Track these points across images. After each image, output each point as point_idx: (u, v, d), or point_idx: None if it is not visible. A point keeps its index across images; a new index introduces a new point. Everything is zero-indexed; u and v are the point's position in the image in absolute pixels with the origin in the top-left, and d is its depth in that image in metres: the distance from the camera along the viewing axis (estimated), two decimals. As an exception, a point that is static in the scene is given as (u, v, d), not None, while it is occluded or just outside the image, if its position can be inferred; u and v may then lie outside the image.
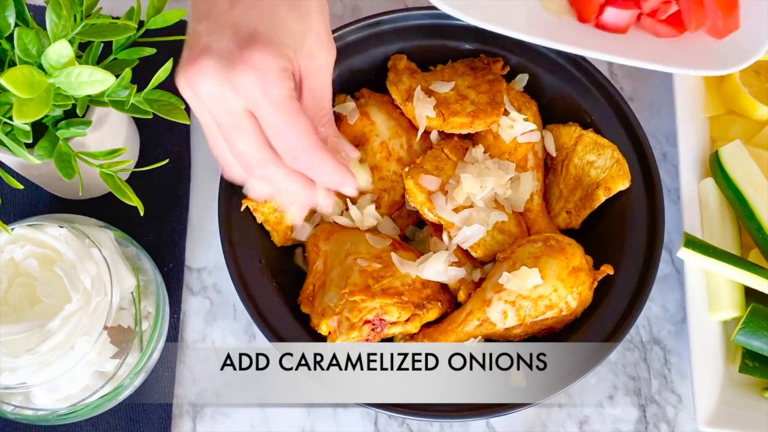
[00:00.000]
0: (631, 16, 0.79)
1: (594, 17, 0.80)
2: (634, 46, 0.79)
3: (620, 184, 0.81)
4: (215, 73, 0.58)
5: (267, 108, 0.60)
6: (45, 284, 0.70)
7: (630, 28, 0.80)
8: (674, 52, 0.79)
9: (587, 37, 0.79)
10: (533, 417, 0.83)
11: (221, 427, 0.82)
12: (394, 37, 0.86)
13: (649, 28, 0.80)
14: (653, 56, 0.78)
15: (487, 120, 0.81)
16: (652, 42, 0.81)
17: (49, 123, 0.71)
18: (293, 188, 0.65)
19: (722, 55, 0.79)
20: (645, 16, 0.79)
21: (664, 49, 0.80)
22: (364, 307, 0.74)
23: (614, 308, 0.77)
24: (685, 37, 0.80)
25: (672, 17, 0.80)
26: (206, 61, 0.58)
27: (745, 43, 0.79)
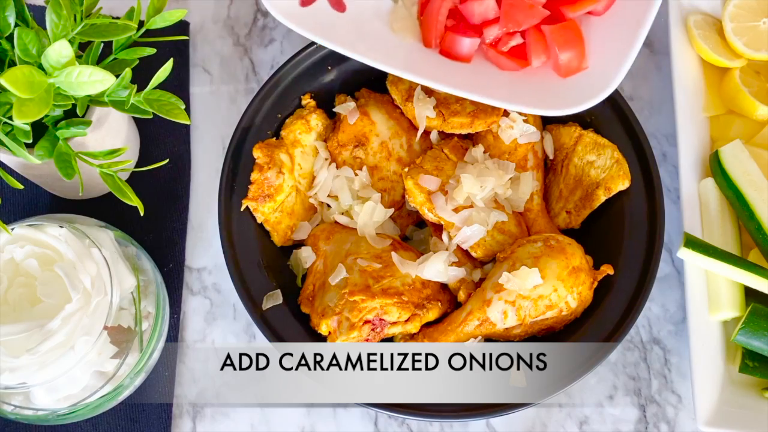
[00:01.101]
0: (474, 45, 0.76)
1: (437, 43, 0.77)
2: (477, 77, 0.76)
3: (620, 184, 0.81)
4: None
5: None
6: (45, 284, 0.70)
7: (475, 58, 0.76)
8: (516, 87, 0.75)
9: (431, 64, 0.75)
10: (533, 417, 0.83)
11: (221, 427, 0.82)
12: (394, 37, 0.86)
13: (493, 59, 0.77)
14: (494, 91, 0.74)
15: (487, 120, 0.81)
16: (495, 74, 0.77)
17: (49, 123, 0.71)
18: None
19: (564, 93, 0.75)
20: (488, 47, 0.76)
21: (506, 83, 0.76)
22: (364, 307, 0.74)
23: (614, 308, 0.77)
24: (530, 72, 0.76)
25: (515, 49, 0.76)
26: None
27: (590, 82, 0.74)
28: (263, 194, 0.79)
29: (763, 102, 0.87)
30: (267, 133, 0.83)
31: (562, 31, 0.74)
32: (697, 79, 0.90)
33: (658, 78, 0.95)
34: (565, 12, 0.75)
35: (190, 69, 0.93)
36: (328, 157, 0.84)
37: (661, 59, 0.96)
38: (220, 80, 0.94)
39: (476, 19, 0.74)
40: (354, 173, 0.83)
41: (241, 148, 0.81)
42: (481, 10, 0.75)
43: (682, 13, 0.90)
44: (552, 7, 0.75)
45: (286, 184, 0.80)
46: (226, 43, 0.95)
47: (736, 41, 0.89)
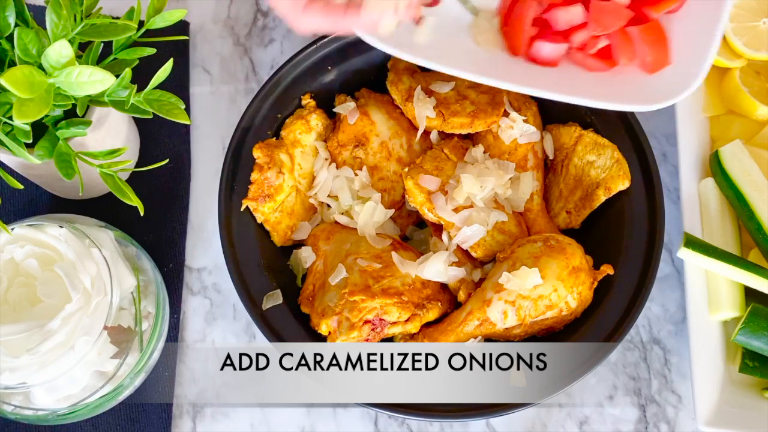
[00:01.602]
0: (561, 50, 0.77)
1: (524, 50, 0.78)
2: (565, 79, 0.77)
3: (620, 184, 0.81)
4: None
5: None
6: (45, 284, 0.70)
7: (561, 61, 0.78)
8: (605, 86, 0.77)
9: (518, 71, 0.77)
10: (533, 417, 0.83)
11: (221, 427, 0.82)
12: (394, 37, 0.86)
13: (579, 62, 0.78)
14: (583, 90, 0.76)
15: (487, 120, 0.81)
16: (582, 75, 0.79)
17: (49, 123, 0.71)
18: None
19: (652, 90, 0.76)
20: (575, 50, 0.78)
21: (594, 83, 0.78)
22: (364, 307, 0.74)
23: (614, 308, 0.77)
24: (617, 71, 0.78)
25: (602, 51, 0.78)
26: None
27: (676, 78, 0.76)
28: (263, 194, 0.79)
29: (763, 102, 0.87)
30: (267, 133, 0.83)
31: (648, 31, 0.76)
32: (697, 79, 0.90)
33: (658, 78, 0.95)
34: (648, 13, 0.77)
35: (190, 69, 0.93)
36: (328, 157, 0.84)
37: (661, 59, 0.96)
38: (220, 80, 0.94)
39: (562, 25, 0.77)
40: (354, 173, 0.83)
41: (241, 148, 0.81)
42: (567, 18, 0.77)
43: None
44: (634, 8, 0.77)
45: (286, 184, 0.80)
46: (226, 43, 0.95)
47: (736, 41, 0.89)
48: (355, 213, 0.81)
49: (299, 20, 0.64)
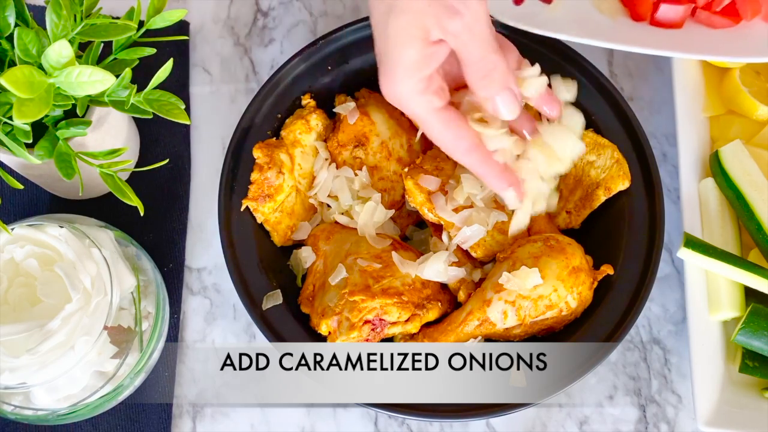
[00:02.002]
0: (686, 11, 0.79)
1: (648, 15, 0.80)
2: (691, 39, 0.79)
3: (620, 184, 0.81)
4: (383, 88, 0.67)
5: (417, 120, 0.69)
6: (45, 284, 0.70)
7: (685, 23, 0.80)
8: (732, 42, 0.79)
9: (644, 35, 0.79)
10: (533, 417, 0.83)
11: (221, 427, 0.82)
12: (394, 37, 0.86)
13: (705, 21, 0.80)
14: (711, 48, 0.78)
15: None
16: (708, 34, 0.81)
17: (49, 123, 0.71)
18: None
19: None
20: (700, 10, 0.79)
21: (721, 40, 0.80)
22: (364, 307, 0.74)
23: (614, 308, 0.77)
24: (742, 26, 0.81)
25: (727, 8, 0.80)
26: (380, 78, 0.67)
27: None
28: (263, 194, 0.79)
29: (763, 102, 0.87)
30: (267, 133, 0.83)
31: None
32: (697, 79, 0.90)
33: (658, 78, 0.95)
34: None
35: (190, 69, 0.93)
36: (328, 157, 0.84)
37: (661, 59, 0.96)
38: (220, 80, 0.94)
39: None
40: (354, 173, 0.82)
41: (241, 148, 0.81)
42: None
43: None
44: None
45: (286, 184, 0.80)
46: (226, 43, 0.95)
47: (736, 41, 0.88)
48: (355, 213, 0.81)
49: (459, 157, 0.69)
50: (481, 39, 0.63)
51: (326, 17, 0.97)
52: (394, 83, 0.64)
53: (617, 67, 0.96)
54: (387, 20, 0.62)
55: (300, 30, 0.96)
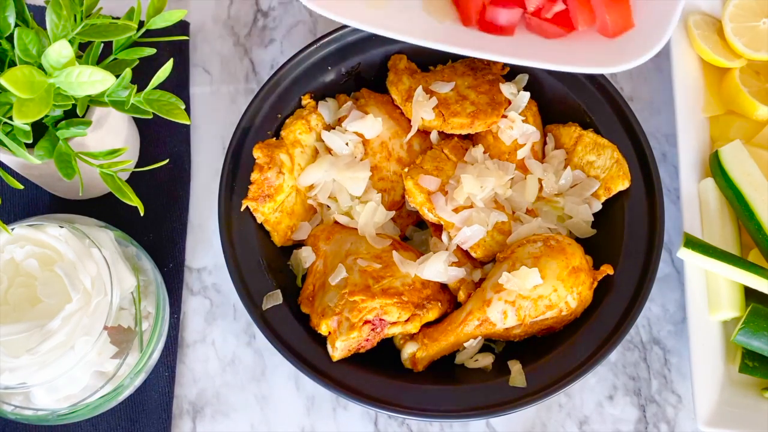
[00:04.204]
0: (515, 15, 0.75)
1: (476, 19, 0.76)
2: (522, 46, 0.76)
3: (620, 184, 0.81)
4: None
5: None
6: (45, 284, 0.70)
7: (517, 31, 0.76)
8: (564, 51, 0.76)
9: (471, 40, 0.76)
10: (533, 417, 0.83)
11: (221, 427, 0.82)
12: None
13: (536, 28, 0.76)
14: (541, 55, 0.75)
15: (487, 120, 0.81)
16: (540, 43, 0.77)
17: (49, 123, 0.71)
18: None
19: (614, 53, 0.75)
20: (531, 16, 0.76)
21: (553, 49, 0.77)
22: (364, 307, 0.74)
23: (614, 308, 0.77)
24: (576, 37, 0.77)
25: (559, 16, 0.76)
26: None
27: (638, 41, 0.75)
28: (263, 194, 0.79)
29: (763, 102, 0.87)
30: (267, 133, 0.83)
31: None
32: (697, 79, 0.90)
33: (658, 78, 0.95)
34: None
35: (190, 69, 0.93)
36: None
37: (661, 60, 0.96)
38: (220, 80, 0.94)
39: None
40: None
41: (241, 148, 0.81)
42: None
43: (682, 14, 0.90)
44: None
45: (286, 184, 0.80)
46: (226, 43, 0.95)
47: (736, 41, 0.89)
48: (355, 213, 0.81)
49: None
50: None
51: (326, 17, 0.97)
52: None
53: (617, 67, 0.96)
54: None
55: (300, 30, 0.96)
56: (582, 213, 0.81)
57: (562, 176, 0.83)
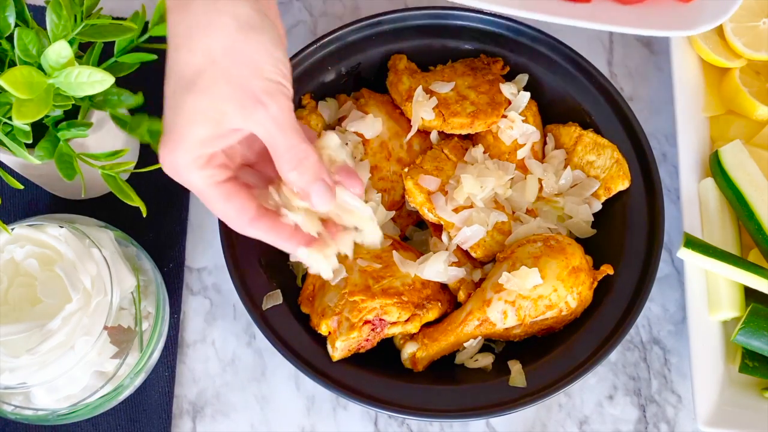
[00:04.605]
0: None
1: None
2: (599, 11, 0.79)
3: (620, 184, 0.81)
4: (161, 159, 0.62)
5: (198, 194, 0.63)
6: (45, 284, 0.70)
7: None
8: (639, 17, 0.79)
9: (550, 6, 0.78)
10: (533, 417, 0.83)
11: (221, 427, 0.82)
12: (394, 37, 0.86)
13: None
14: (617, 20, 0.78)
15: (487, 120, 0.81)
16: (617, 9, 0.80)
17: (49, 123, 0.71)
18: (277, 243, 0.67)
19: (688, 17, 0.79)
20: None
21: (629, 14, 0.80)
22: (364, 307, 0.74)
23: (614, 308, 0.77)
24: (651, 2, 0.80)
25: None
26: (160, 147, 0.62)
27: (712, 5, 0.78)
28: (263, 194, 0.79)
29: (763, 102, 0.87)
30: (267, 133, 0.83)
31: None
32: (697, 79, 0.90)
33: (658, 78, 0.95)
34: None
35: (190, 69, 0.93)
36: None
37: (661, 59, 0.96)
38: (220, 80, 0.94)
39: None
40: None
41: (241, 148, 0.81)
42: None
43: (682, 13, 0.90)
44: None
45: (286, 184, 0.80)
46: (226, 43, 0.95)
47: (736, 41, 0.89)
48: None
49: (244, 230, 0.64)
50: (288, 128, 0.61)
51: (326, 17, 0.97)
52: (174, 155, 0.60)
53: (617, 67, 0.96)
54: (185, 96, 0.59)
55: (300, 30, 0.96)
56: (582, 213, 0.81)
57: (562, 176, 0.83)
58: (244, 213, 0.63)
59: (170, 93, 0.60)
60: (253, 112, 0.60)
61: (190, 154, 0.60)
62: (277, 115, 0.60)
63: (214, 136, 0.60)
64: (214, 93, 0.59)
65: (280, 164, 0.63)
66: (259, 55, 0.60)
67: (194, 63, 0.59)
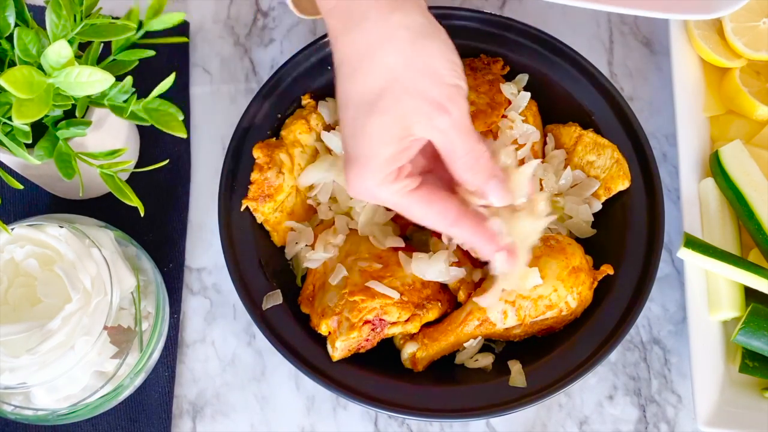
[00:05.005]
0: None
1: None
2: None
3: (620, 184, 0.81)
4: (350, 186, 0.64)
5: (393, 208, 0.65)
6: (45, 284, 0.70)
7: None
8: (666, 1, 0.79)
9: None
10: (533, 417, 0.83)
11: (221, 427, 0.82)
12: (394, 37, 0.86)
13: None
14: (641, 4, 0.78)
15: (487, 120, 0.81)
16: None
17: (48, 123, 0.71)
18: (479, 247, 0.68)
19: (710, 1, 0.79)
20: None
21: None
22: (364, 307, 0.74)
23: (614, 308, 0.77)
24: None
25: None
26: (347, 174, 0.64)
27: None
28: (263, 194, 0.79)
29: (763, 102, 0.87)
30: (267, 133, 0.83)
31: None
32: (697, 79, 0.90)
33: (658, 78, 0.95)
34: None
35: (190, 69, 0.93)
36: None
37: (661, 59, 0.96)
38: (220, 80, 0.94)
39: None
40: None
41: (241, 148, 0.81)
42: None
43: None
44: None
45: (286, 184, 0.80)
46: (226, 43, 0.95)
47: (736, 41, 0.89)
48: (355, 213, 0.81)
49: (448, 230, 0.66)
50: (467, 132, 0.62)
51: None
52: (362, 179, 0.61)
53: (617, 67, 0.96)
54: (367, 120, 0.60)
55: (300, 30, 0.96)
56: (582, 213, 0.81)
57: (562, 176, 0.83)
58: (448, 214, 0.64)
59: (350, 120, 0.61)
60: (437, 120, 0.60)
61: (380, 174, 0.61)
62: (459, 120, 0.61)
63: (400, 151, 0.60)
64: (398, 109, 0.59)
65: (455, 166, 0.63)
66: (436, 61, 0.60)
67: (375, 84, 0.59)
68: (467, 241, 0.67)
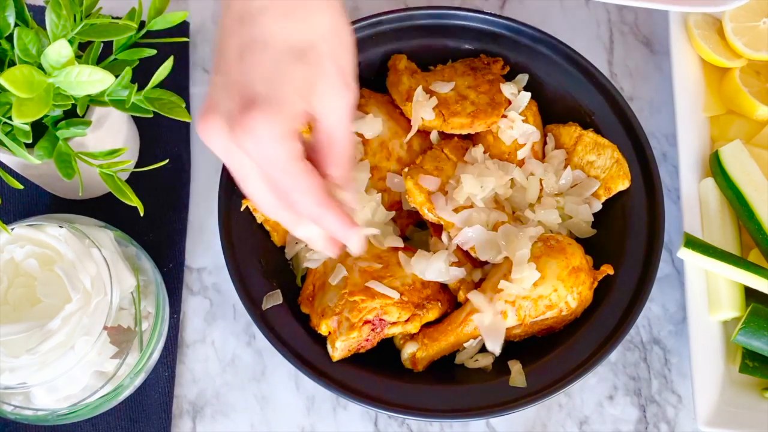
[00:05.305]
0: None
1: None
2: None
3: (620, 184, 0.81)
4: (221, 133, 0.58)
5: (269, 167, 0.60)
6: (45, 284, 0.70)
7: None
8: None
9: None
10: (533, 417, 0.83)
11: (221, 427, 0.82)
12: (394, 37, 0.86)
13: None
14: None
15: (487, 120, 0.81)
16: None
17: (48, 123, 0.71)
18: (304, 232, 0.66)
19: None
20: None
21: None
22: (364, 307, 0.74)
23: (614, 308, 0.77)
24: None
25: None
26: (213, 119, 0.58)
27: None
28: (263, 194, 0.79)
29: (763, 102, 0.87)
30: (267, 133, 0.83)
31: None
32: (697, 79, 0.90)
33: (658, 78, 0.95)
34: None
35: (190, 69, 0.93)
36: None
37: (661, 59, 0.96)
38: (220, 80, 0.94)
39: None
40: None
41: (241, 148, 0.81)
42: None
43: (683, 13, 0.90)
44: None
45: (286, 184, 0.80)
46: (226, 43, 0.95)
47: (736, 41, 0.89)
48: (355, 213, 0.81)
49: (323, 204, 0.62)
50: (350, 120, 0.61)
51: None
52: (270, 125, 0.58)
53: (617, 67, 0.96)
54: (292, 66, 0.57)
55: (300, 30, 0.96)
56: (582, 213, 0.81)
57: (562, 176, 0.83)
58: (323, 190, 0.62)
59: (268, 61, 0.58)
60: (341, 96, 0.60)
61: (287, 126, 0.58)
62: (352, 105, 0.61)
63: (306, 111, 0.59)
64: (320, 69, 0.58)
65: (330, 156, 0.62)
66: (350, 42, 0.61)
67: (305, 36, 0.58)
68: (330, 222, 0.63)
